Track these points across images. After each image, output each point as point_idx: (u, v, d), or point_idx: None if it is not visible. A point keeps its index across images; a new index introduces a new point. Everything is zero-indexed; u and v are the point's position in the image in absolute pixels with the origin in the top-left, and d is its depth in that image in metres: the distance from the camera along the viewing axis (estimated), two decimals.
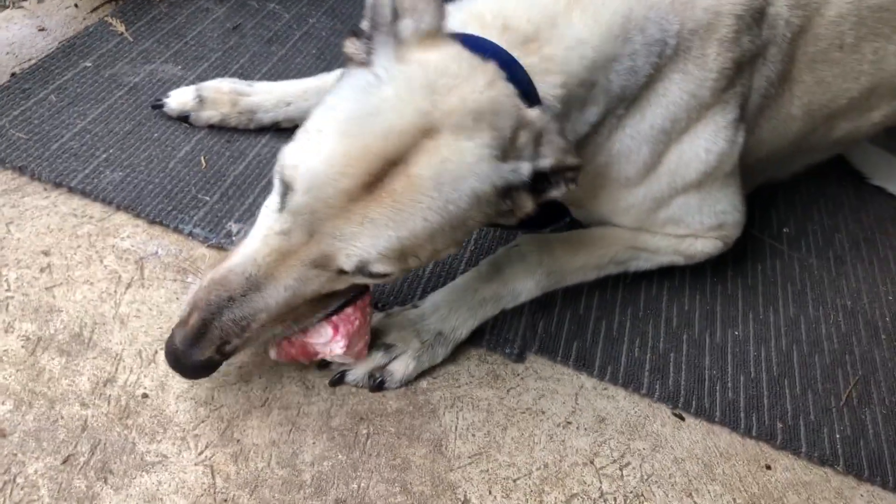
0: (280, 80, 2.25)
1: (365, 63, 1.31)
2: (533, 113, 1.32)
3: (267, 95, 2.10)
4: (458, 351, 1.72)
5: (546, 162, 1.31)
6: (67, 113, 2.03)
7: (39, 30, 2.29)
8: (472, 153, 1.25)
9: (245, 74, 2.27)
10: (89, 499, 1.35)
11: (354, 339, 1.51)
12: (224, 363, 1.41)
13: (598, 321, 1.89)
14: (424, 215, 1.25)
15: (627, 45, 1.52)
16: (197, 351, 1.32)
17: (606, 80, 1.52)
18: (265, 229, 1.31)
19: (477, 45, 1.36)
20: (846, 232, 2.35)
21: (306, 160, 1.24)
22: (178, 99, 2.08)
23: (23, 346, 1.54)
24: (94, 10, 2.40)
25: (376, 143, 1.22)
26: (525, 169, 1.30)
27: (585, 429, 1.67)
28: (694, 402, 1.76)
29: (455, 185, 1.25)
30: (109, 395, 1.50)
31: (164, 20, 2.42)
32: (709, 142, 1.69)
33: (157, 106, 2.08)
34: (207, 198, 1.90)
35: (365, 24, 1.35)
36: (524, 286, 1.77)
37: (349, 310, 1.48)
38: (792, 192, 2.44)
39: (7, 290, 1.62)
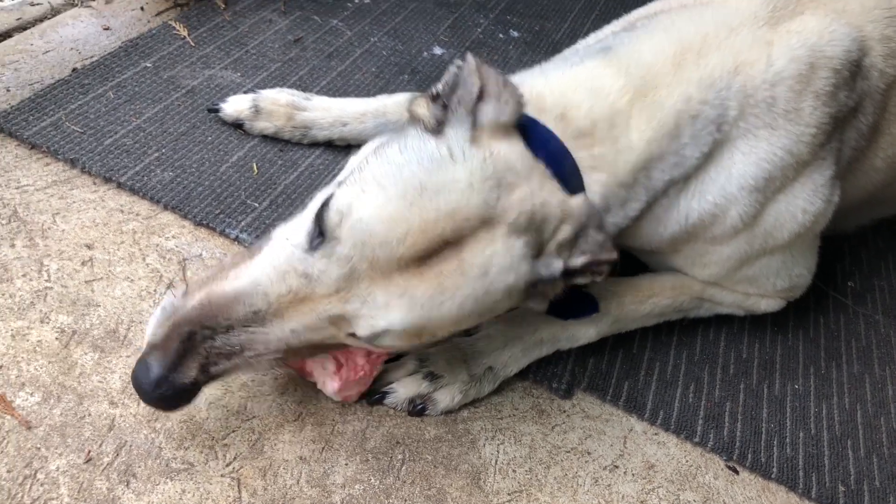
0: (338, 95, 2.22)
1: (434, 131, 1.26)
2: (576, 203, 1.29)
3: (324, 113, 2.06)
4: (503, 381, 1.64)
5: (580, 260, 1.29)
6: (123, 110, 2.01)
7: (104, 29, 2.29)
8: (519, 251, 1.23)
9: (303, 87, 2.24)
10: (109, 502, 1.29)
11: (350, 386, 1.45)
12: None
13: (652, 362, 1.79)
14: (462, 302, 1.20)
15: (674, 143, 1.46)
16: (179, 374, 1.18)
17: (647, 179, 1.47)
18: (285, 264, 1.21)
19: (535, 133, 1.33)
20: None
21: (362, 213, 1.16)
22: (235, 106, 2.05)
23: (57, 339, 1.50)
24: (160, 13, 2.41)
25: (440, 220, 1.17)
26: (557, 266, 1.28)
27: (633, 474, 1.57)
28: (749, 456, 1.65)
29: (497, 277, 1.22)
30: None
31: (226, 28, 2.41)
32: (806, 202, 1.59)
33: (214, 110, 2.06)
34: (256, 204, 1.86)
35: (439, 89, 1.31)
36: (585, 332, 1.70)
37: (361, 360, 1.42)
38: (858, 245, 2.32)
39: (47, 281, 1.59)
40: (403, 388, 1.55)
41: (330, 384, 1.43)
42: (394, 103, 2.05)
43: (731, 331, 1.93)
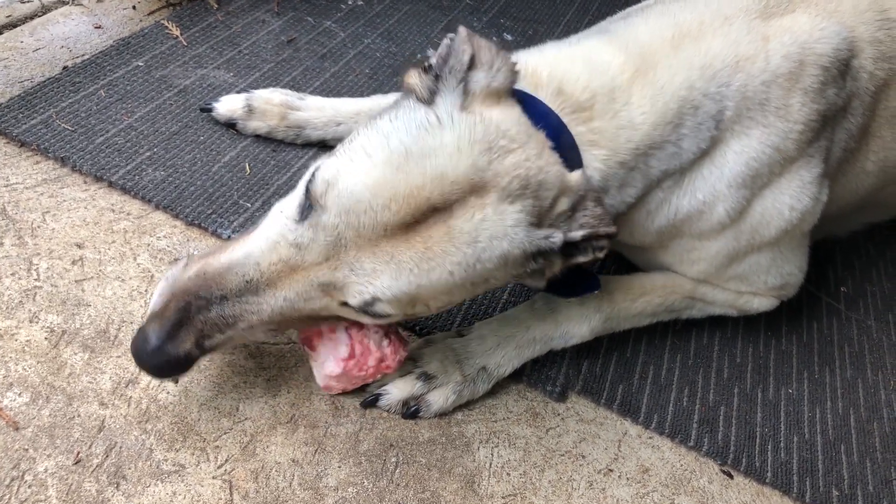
0: (332, 96, 2.21)
1: (425, 100, 1.26)
2: (574, 177, 1.28)
3: (318, 113, 2.05)
4: (497, 384, 1.62)
5: (579, 233, 1.26)
6: (115, 109, 1.99)
7: (95, 27, 2.27)
8: (512, 217, 1.21)
9: (296, 87, 2.23)
10: None
11: (341, 379, 1.44)
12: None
13: (646, 366, 1.78)
14: (451, 269, 1.20)
15: (675, 132, 1.46)
16: (173, 344, 1.21)
17: (646, 165, 1.46)
18: (276, 235, 1.24)
19: (532, 108, 1.32)
20: None
21: (348, 181, 1.18)
22: (228, 105, 2.03)
23: (46, 339, 1.47)
24: (152, 13, 2.39)
25: (427, 185, 1.16)
26: (557, 237, 1.25)
27: (628, 478, 1.56)
28: (744, 460, 1.65)
29: (489, 244, 1.20)
30: (130, 397, 1.42)
31: (219, 28, 2.40)
32: (793, 199, 1.60)
33: (206, 109, 2.04)
34: (249, 204, 1.84)
35: (434, 61, 1.30)
36: (578, 330, 1.69)
37: (371, 361, 1.41)
38: (850, 250, 2.33)
39: (36, 280, 1.56)
40: (397, 389, 1.53)
41: (330, 365, 1.41)
42: (388, 102, 2.04)
43: (724, 335, 1.93)
